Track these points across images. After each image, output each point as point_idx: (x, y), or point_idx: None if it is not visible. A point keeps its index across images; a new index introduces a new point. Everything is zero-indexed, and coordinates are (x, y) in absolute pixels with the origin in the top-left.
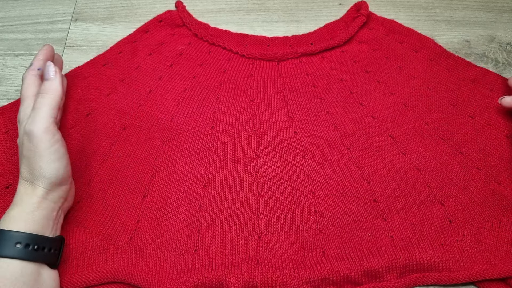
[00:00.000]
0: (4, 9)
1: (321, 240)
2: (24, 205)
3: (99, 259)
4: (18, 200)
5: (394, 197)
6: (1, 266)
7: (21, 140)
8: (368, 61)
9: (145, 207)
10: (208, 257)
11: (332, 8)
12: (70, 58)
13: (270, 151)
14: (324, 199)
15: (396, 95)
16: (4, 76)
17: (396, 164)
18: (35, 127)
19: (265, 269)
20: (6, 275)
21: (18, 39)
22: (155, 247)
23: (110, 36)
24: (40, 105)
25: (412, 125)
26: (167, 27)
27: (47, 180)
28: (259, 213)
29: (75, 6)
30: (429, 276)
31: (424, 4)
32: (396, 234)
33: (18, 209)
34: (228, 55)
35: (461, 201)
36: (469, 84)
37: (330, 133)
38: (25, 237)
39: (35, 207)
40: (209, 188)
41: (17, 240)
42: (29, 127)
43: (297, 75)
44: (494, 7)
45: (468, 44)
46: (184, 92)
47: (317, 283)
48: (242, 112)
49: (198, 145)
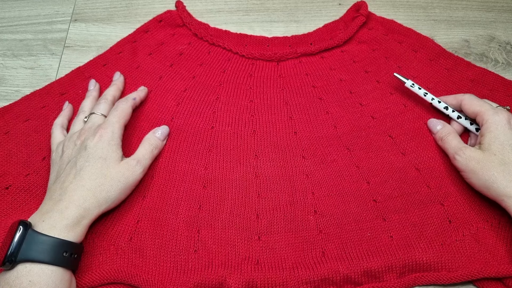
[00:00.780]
0: (3, 9)
1: (321, 240)
2: (80, 218)
3: (99, 260)
4: (72, 208)
5: (394, 197)
6: (46, 273)
7: (112, 158)
8: (368, 61)
9: (145, 207)
10: (208, 258)
11: (331, 8)
12: (70, 59)
13: (270, 151)
14: (324, 199)
15: (396, 95)
16: (4, 77)
17: (396, 164)
18: (141, 166)
19: (265, 269)
20: (49, 282)
21: (17, 40)
22: (155, 247)
23: (110, 36)
24: (149, 155)
25: (411, 125)
26: (167, 27)
27: (112, 205)
28: (259, 213)
29: (74, 7)
30: (428, 276)
31: (424, 4)
32: (395, 234)
33: (73, 221)
34: (228, 55)
35: (460, 201)
36: (468, 84)
37: (330, 133)
38: (72, 246)
39: (89, 222)
40: (208, 188)
41: (65, 249)
42: (139, 165)
43: (296, 75)
44: (493, 7)
45: (467, 44)
46: (184, 92)
47: (317, 283)
48: (241, 112)
49: (198, 145)
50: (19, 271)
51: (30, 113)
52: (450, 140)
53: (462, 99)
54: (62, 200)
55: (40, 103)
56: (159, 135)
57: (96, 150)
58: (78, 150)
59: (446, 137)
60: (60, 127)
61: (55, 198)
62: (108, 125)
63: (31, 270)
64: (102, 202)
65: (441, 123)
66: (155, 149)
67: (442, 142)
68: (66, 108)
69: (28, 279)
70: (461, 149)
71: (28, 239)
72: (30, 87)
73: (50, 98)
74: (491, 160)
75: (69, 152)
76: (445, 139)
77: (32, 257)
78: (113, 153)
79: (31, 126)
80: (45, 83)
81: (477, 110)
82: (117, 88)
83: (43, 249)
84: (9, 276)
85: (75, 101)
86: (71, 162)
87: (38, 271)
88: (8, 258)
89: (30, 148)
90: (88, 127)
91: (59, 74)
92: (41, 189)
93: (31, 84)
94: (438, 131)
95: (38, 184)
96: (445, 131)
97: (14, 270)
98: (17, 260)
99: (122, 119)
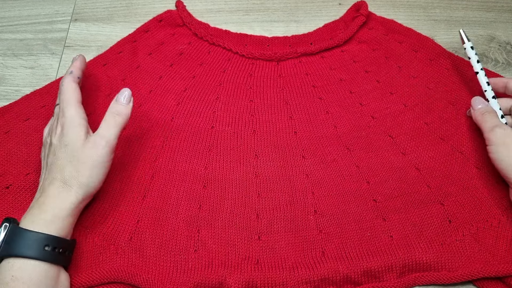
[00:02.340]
0: (3, 9)
1: (321, 240)
2: (56, 210)
3: (99, 259)
4: (49, 202)
5: (394, 197)
6: (27, 268)
7: (73, 142)
8: (368, 61)
9: (145, 207)
10: (208, 257)
11: (331, 8)
12: (70, 58)
13: (270, 151)
14: (324, 199)
15: (396, 95)
16: (4, 76)
17: (396, 164)
18: (103, 140)
19: (265, 269)
20: (32, 277)
21: (17, 39)
22: (155, 247)
23: (110, 36)
24: (112, 124)
25: (411, 124)
26: (167, 27)
27: (89, 189)
28: (259, 213)
29: (75, 6)
30: (428, 276)
31: (424, 4)
32: (395, 234)
33: (51, 213)
34: (228, 55)
35: (460, 201)
36: (468, 83)
37: (330, 133)
38: (54, 240)
39: (68, 213)
40: (209, 188)
41: (46, 243)
42: (100, 140)
43: (296, 75)
44: (493, 7)
45: None
46: (184, 92)
47: (317, 283)
48: (241, 112)
49: (198, 145)
50: (3, 266)
51: (31, 113)
52: (491, 117)
53: (508, 81)
54: (41, 196)
55: (41, 103)
56: (121, 100)
57: (59, 141)
58: (49, 148)
59: (488, 113)
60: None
61: (37, 196)
62: (62, 113)
63: (13, 265)
64: (77, 189)
65: (485, 103)
66: (118, 116)
67: (481, 117)
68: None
69: (11, 274)
70: (502, 125)
71: (11, 234)
72: (30, 87)
73: (51, 97)
74: None
75: (45, 152)
76: (487, 115)
77: (15, 252)
78: (74, 135)
79: (32, 126)
80: (45, 83)
81: None
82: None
83: (24, 244)
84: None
85: None
86: (45, 160)
87: (20, 265)
88: None
89: (30, 147)
90: (52, 123)
91: (59, 74)
92: None
93: (31, 84)
94: (480, 108)
95: (39, 183)
96: (488, 109)
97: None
98: (0, 256)
99: (72, 99)
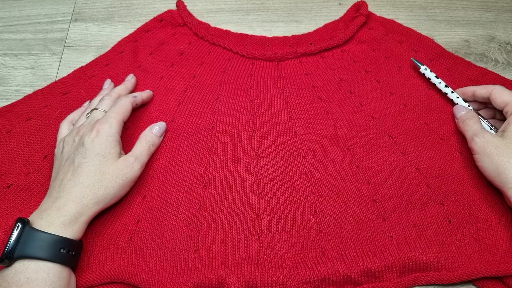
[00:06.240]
0: (3, 9)
1: (321, 240)
2: (77, 215)
3: (99, 259)
4: (70, 206)
5: (394, 197)
6: (43, 270)
7: (109, 155)
8: (368, 61)
9: (145, 207)
10: (208, 257)
11: (331, 8)
12: (70, 58)
13: (270, 151)
14: (324, 199)
15: (396, 95)
16: (4, 76)
17: (396, 164)
18: (138, 163)
19: (265, 269)
20: (46, 279)
21: (17, 39)
22: (155, 247)
23: (110, 36)
24: (146, 152)
25: (411, 125)
26: (168, 27)
27: (111, 201)
28: (259, 213)
29: (75, 6)
30: (428, 276)
31: (424, 4)
32: (395, 234)
33: (70, 217)
34: (228, 55)
35: (460, 200)
36: (468, 83)
37: (330, 133)
38: (69, 243)
39: (87, 219)
40: (209, 188)
41: (62, 246)
42: (134, 161)
43: (296, 75)
44: (493, 7)
45: (467, 44)
46: (184, 92)
47: (317, 283)
48: (242, 112)
49: (198, 145)
50: (17, 268)
51: (32, 112)
52: (472, 124)
53: (492, 89)
54: (60, 198)
55: (43, 102)
56: (156, 132)
57: (94, 146)
58: (76, 147)
59: (468, 120)
60: (68, 123)
61: (54, 195)
62: (105, 120)
63: (28, 267)
64: (101, 199)
65: (466, 109)
66: (152, 146)
67: (463, 124)
68: (83, 106)
69: (26, 276)
70: (481, 132)
71: (26, 236)
72: (30, 87)
73: (53, 97)
74: (509, 148)
75: (68, 148)
76: (467, 122)
77: (30, 253)
78: (111, 149)
79: (33, 125)
80: (45, 83)
81: (507, 100)
82: (125, 88)
83: (40, 246)
84: (8, 273)
85: (78, 100)
86: (69, 159)
87: (35, 267)
88: (5, 255)
89: (32, 146)
90: (87, 122)
91: (59, 74)
92: (42, 187)
93: (31, 84)
94: (461, 115)
95: (40, 182)
96: (469, 115)
97: (12, 267)
98: (14, 257)
99: (121, 115)
